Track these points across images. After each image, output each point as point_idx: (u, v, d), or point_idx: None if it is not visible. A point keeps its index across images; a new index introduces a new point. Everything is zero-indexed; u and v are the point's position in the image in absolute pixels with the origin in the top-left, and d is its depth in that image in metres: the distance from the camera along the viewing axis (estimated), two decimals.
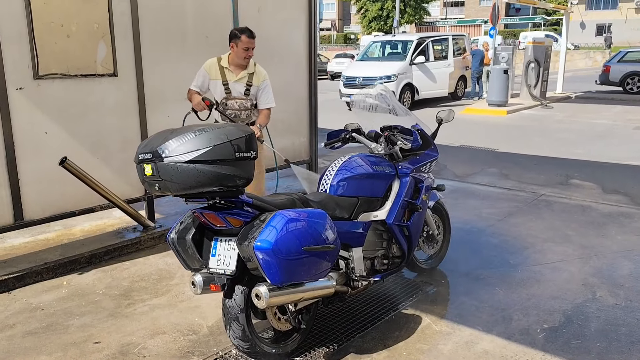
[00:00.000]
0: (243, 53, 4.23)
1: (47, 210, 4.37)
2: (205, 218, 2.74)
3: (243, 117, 4.38)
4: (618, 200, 6.06)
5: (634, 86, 17.30)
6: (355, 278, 3.24)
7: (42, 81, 4.19)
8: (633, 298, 3.72)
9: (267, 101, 4.39)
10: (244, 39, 4.19)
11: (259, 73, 4.39)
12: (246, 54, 4.24)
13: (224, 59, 4.34)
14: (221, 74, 4.32)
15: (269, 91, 4.41)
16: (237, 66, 4.31)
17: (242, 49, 4.21)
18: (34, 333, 3.36)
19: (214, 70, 4.33)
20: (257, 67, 4.41)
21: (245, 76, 4.33)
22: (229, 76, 4.31)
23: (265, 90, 4.39)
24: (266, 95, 4.39)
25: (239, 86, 4.32)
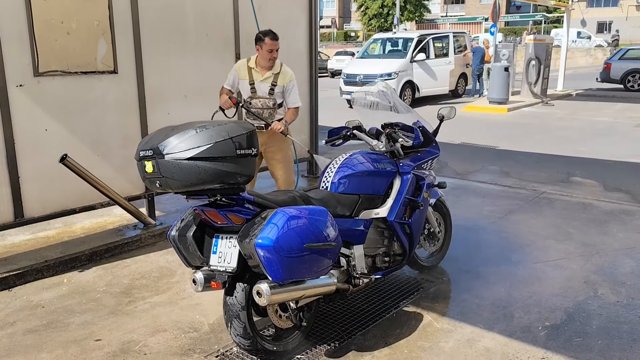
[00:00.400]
0: (267, 55, 4.39)
1: (48, 208, 4.36)
2: (206, 215, 2.74)
3: (265, 116, 4.49)
4: (619, 198, 6.05)
5: (635, 84, 17.27)
6: (356, 275, 3.24)
7: (42, 78, 4.18)
8: (635, 296, 3.72)
9: (293, 101, 4.56)
10: (267, 41, 4.35)
11: (285, 74, 4.52)
12: (270, 55, 4.39)
13: (252, 60, 4.52)
14: (248, 74, 4.49)
15: (295, 91, 4.57)
16: (263, 67, 4.47)
17: (266, 50, 4.37)
18: (35, 331, 3.36)
19: (243, 70, 4.52)
20: (283, 68, 4.53)
21: (271, 76, 4.47)
22: (255, 76, 4.47)
23: (292, 91, 4.54)
24: (293, 96, 4.55)
25: (264, 86, 4.46)
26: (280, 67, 4.50)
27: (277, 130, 4.40)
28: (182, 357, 3.04)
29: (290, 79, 4.51)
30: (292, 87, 4.53)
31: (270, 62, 4.43)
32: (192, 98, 5.23)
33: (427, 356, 3.02)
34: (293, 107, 4.55)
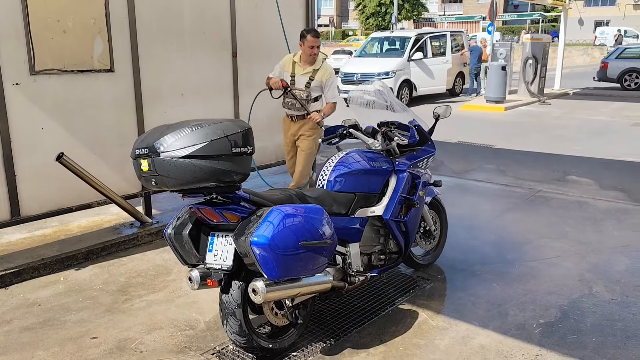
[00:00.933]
0: (309, 51, 4.74)
1: (44, 206, 4.36)
2: (202, 213, 2.75)
3: (298, 107, 4.85)
4: (615, 197, 6.07)
5: (632, 82, 17.31)
6: (352, 273, 3.25)
7: (38, 77, 4.18)
8: (629, 293, 3.74)
9: (331, 96, 4.84)
10: (309, 39, 4.71)
11: (325, 70, 4.80)
12: (311, 51, 4.75)
13: (297, 55, 4.91)
14: (292, 67, 4.89)
15: (334, 88, 4.86)
16: (305, 62, 4.84)
17: (307, 47, 4.73)
18: (31, 328, 3.37)
19: (288, 63, 4.94)
20: (324, 64, 4.83)
21: (310, 71, 4.80)
22: (297, 70, 4.86)
23: (331, 87, 4.82)
24: (332, 92, 4.83)
25: (302, 79, 4.82)
26: (322, 63, 4.80)
27: (314, 120, 4.71)
28: (178, 355, 3.05)
29: (329, 75, 4.79)
30: (331, 84, 4.80)
31: (311, 57, 4.78)
32: (189, 97, 5.23)
33: (422, 353, 3.04)
34: (331, 102, 4.82)
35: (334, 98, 4.83)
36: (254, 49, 5.86)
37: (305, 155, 4.94)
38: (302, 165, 4.95)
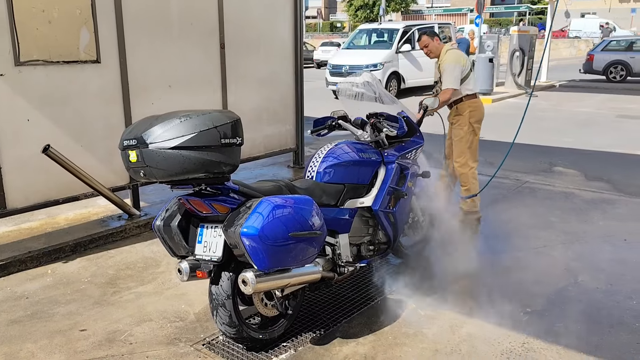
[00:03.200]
0: (423, 49, 4.88)
1: (31, 199, 4.32)
2: (191, 205, 2.74)
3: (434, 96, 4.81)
4: (600, 187, 6.15)
5: (617, 75, 17.51)
6: (341, 264, 3.27)
7: (23, 68, 4.13)
8: (613, 282, 3.80)
9: (444, 83, 4.70)
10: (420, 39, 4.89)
11: (442, 58, 4.77)
12: (425, 50, 4.87)
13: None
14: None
15: (446, 74, 4.68)
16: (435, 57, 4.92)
17: (422, 47, 4.89)
18: (19, 321, 3.34)
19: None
20: (447, 53, 4.74)
21: (437, 64, 4.86)
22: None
23: (444, 74, 4.71)
24: (444, 78, 4.71)
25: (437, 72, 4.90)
26: (446, 53, 4.73)
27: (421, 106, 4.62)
28: (168, 347, 3.05)
29: (445, 61, 4.69)
30: (444, 71, 4.70)
31: (428, 55, 4.89)
32: (177, 88, 5.20)
33: (411, 342, 3.07)
34: (443, 89, 4.68)
35: (444, 84, 4.66)
36: (242, 40, 5.83)
37: (455, 143, 4.86)
38: (455, 153, 4.89)
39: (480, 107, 4.81)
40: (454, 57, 4.66)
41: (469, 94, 4.72)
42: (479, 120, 4.81)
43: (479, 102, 4.82)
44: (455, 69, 4.61)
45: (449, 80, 4.63)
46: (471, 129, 4.76)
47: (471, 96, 4.74)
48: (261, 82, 6.17)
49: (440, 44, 4.83)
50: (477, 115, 4.77)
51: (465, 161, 4.83)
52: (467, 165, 4.83)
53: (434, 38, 4.87)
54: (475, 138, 4.81)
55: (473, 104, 4.74)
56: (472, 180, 4.85)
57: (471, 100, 4.74)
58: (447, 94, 4.64)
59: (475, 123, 4.77)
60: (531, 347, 3.00)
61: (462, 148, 4.82)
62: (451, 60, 4.64)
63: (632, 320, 3.28)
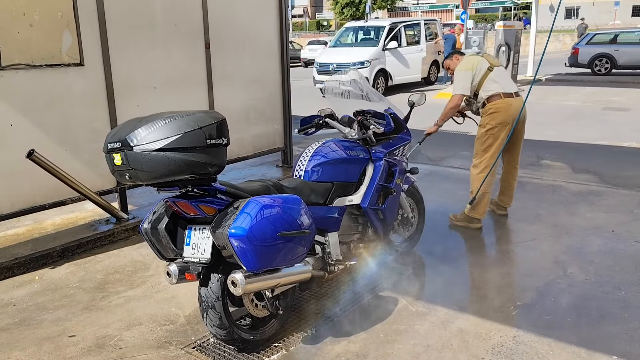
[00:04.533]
0: (449, 72, 4.95)
1: (16, 205, 4.27)
2: (178, 207, 2.72)
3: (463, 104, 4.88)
4: (587, 179, 6.20)
5: (602, 68, 17.64)
6: (331, 262, 3.26)
7: (5, 72, 4.07)
8: (602, 273, 3.82)
9: (453, 89, 4.72)
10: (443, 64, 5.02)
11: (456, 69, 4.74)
12: (449, 72, 4.93)
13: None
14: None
15: (454, 81, 4.72)
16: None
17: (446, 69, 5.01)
18: (6, 329, 3.30)
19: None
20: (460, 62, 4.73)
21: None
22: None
23: (454, 81, 4.73)
24: (453, 85, 4.74)
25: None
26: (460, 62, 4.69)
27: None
28: (159, 350, 3.03)
29: (455, 70, 4.70)
30: (454, 78, 4.71)
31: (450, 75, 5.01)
32: (162, 89, 5.16)
33: (402, 339, 3.07)
34: (452, 94, 4.69)
35: (453, 91, 4.66)
36: (227, 40, 5.80)
37: (475, 142, 4.79)
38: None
39: (504, 109, 4.52)
40: (462, 64, 4.63)
41: (491, 95, 4.55)
42: (502, 123, 4.53)
43: (505, 103, 4.52)
44: (464, 75, 4.56)
45: (456, 87, 4.62)
46: (491, 131, 4.57)
47: (494, 97, 4.54)
48: (248, 82, 6.14)
49: (460, 59, 4.76)
50: (499, 118, 4.52)
51: (477, 162, 4.71)
52: (478, 167, 4.70)
53: (453, 57, 4.84)
54: (495, 142, 4.59)
55: (494, 105, 4.53)
56: (477, 184, 4.67)
57: (494, 102, 4.54)
58: (454, 100, 4.62)
59: (499, 125, 4.54)
60: (522, 340, 3.02)
61: (477, 148, 4.73)
62: (460, 67, 4.62)
63: (621, 311, 3.30)
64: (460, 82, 4.60)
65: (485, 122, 4.63)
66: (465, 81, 4.56)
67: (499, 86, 4.56)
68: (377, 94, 4.18)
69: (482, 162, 4.67)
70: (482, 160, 4.67)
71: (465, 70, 4.57)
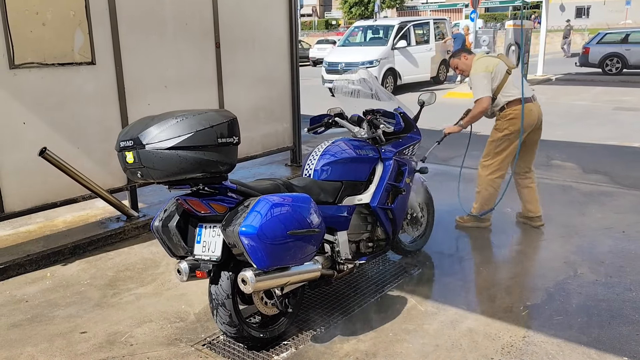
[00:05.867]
0: (457, 71, 4.82)
1: (28, 202, 4.31)
2: (189, 205, 2.73)
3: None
4: (598, 180, 6.16)
5: (613, 67, 17.52)
6: (340, 261, 3.27)
7: (18, 71, 4.12)
8: (613, 274, 3.80)
9: (475, 95, 4.50)
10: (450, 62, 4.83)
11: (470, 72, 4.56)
12: (457, 71, 4.80)
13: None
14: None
15: (473, 86, 4.50)
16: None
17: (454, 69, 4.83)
18: (19, 325, 3.34)
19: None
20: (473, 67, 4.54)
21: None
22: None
23: (472, 87, 4.52)
24: (473, 91, 4.52)
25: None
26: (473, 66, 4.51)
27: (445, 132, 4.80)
28: (169, 347, 3.05)
29: (471, 74, 4.52)
30: (472, 84, 4.52)
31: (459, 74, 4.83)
32: (173, 88, 5.19)
33: (411, 338, 3.07)
34: (475, 99, 4.49)
35: (476, 95, 4.45)
36: (237, 39, 5.83)
37: (487, 143, 4.67)
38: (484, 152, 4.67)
39: (525, 115, 4.42)
40: (480, 66, 4.44)
41: (510, 100, 4.42)
42: (519, 130, 4.44)
43: (526, 109, 4.42)
44: (484, 77, 4.38)
45: (478, 91, 4.41)
46: (508, 136, 4.47)
47: (513, 102, 4.42)
48: (257, 81, 6.16)
49: (469, 59, 4.58)
50: (518, 124, 4.42)
51: (487, 164, 4.59)
52: (487, 169, 4.58)
53: (461, 56, 4.64)
54: (509, 147, 4.50)
55: (514, 110, 4.41)
56: (487, 187, 4.58)
57: (514, 107, 4.42)
58: (481, 104, 4.41)
59: (516, 132, 4.44)
60: (532, 341, 3.01)
61: (489, 149, 4.60)
62: (476, 70, 4.44)
63: (631, 312, 3.28)
64: (481, 85, 4.40)
65: (503, 127, 4.48)
66: (487, 83, 4.39)
67: (519, 91, 4.43)
68: (387, 93, 4.17)
69: (493, 164, 4.56)
70: (493, 162, 4.56)
71: (485, 72, 4.40)
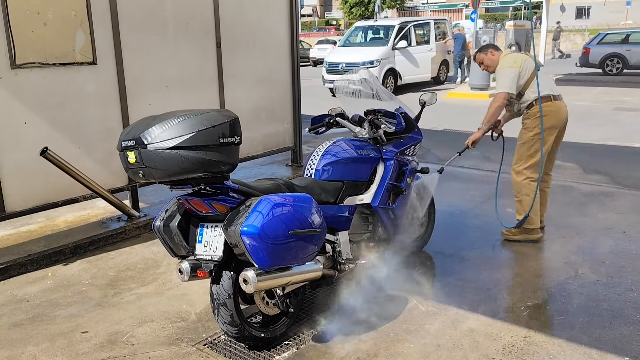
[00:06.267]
0: (481, 66, 4.64)
1: (30, 202, 4.31)
2: (190, 205, 2.74)
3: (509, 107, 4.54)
4: (598, 180, 6.16)
5: (613, 68, 17.51)
6: (342, 261, 3.27)
7: (19, 70, 4.12)
8: (614, 274, 3.80)
9: (497, 87, 4.35)
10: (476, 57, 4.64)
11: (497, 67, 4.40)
12: (482, 67, 4.62)
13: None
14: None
15: (498, 79, 4.34)
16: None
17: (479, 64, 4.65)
18: (20, 325, 3.34)
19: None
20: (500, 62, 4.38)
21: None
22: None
23: (497, 79, 4.38)
24: (497, 83, 4.38)
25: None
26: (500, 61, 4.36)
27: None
28: (170, 347, 3.05)
29: (498, 67, 4.35)
30: (497, 76, 4.36)
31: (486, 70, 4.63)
32: (174, 88, 5.19)
33: (412, 338, 3.07)
34: (496, 93, 4.33)
35: (497, 89, 4.28)
36: (238, 39, 5.83)
37: (517, 147, 4.45)
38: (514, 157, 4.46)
39: (555, 112, 4.24)
40: (508, 61, 4.27)
41: (541, 97, 4.20)
42: (551, 128, 4.25)
43: (556, 107, 4.25)
44: (510, 72, 4.18)
45: (501, 84, 4.23)
46: (538, 135, 4.24)
47: (543, 98, 4.20)
48: (258, 81, 6.17)
49: (496, 55, 4.42)
50: (550, 121, 4.22)
51: (521, 169, 4.35)
52: (522, 174, 4.35)
53: (488, 51, 4.48)
54: (543, 147, 4.27)
55: (546, 107, 4.20)
56: (526, 193, 4.35)
57: (545, 104, 4.21)
58: (498, 99, 4.23)
59: (547, 130, 4.23)
60: (533, 341, 3.01)
61: (522, 153, 4.35)
62: (504, 64, 4.26)
63: (632, 312, 3.28)
64: (506, 79, 4.20)
65: (533, 125, 4.26)
66: (513, 79, 4.18)
67: (549, 88, 4.28)
68: (388, 93, 4.17)
69: (528, 168, 4.33)
70: (527, 165, 4.33)
71: (512, 67, 4.19)
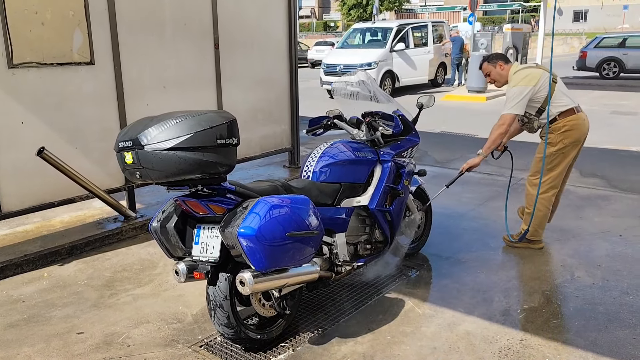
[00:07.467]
0: (487, 78, 4.39)
1: (26, 202, 4.30)
2: (187, 206, 2.73)
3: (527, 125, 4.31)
4: (595, 184, 6.18)
5: (610, 71, 17.58)
6: (339, 263, 3.27)
7: (17, 70, 4.11)
8: (609, 278, 3.81)
9: (504, 108, 4.08)
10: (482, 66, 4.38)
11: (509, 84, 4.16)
12: (488, 79, 4.38)
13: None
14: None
15: (507, 99, 4.08)
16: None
17: (485, 75, 4.38)
18: (16, 325, 3.33)
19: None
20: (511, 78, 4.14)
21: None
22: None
23: (506, 98, 4.11)
24: (505, 102, 4.11)
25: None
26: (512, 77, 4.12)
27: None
28: (166, 348, 3.05)
29: (509, 86, 4.10)
30: (507, 95, 4.11)
31: (492, 84, 4.40)
32: (171, 89, 5.18)
33: (409, 341, 3.07)
34: (502, 114, 4.07)
35: (504, 109, 4.04)
36: (236, 40, 5.83)
37: (535, 159, 4.25)
38: (531, 169, 4.29)
39: (579, 125, 4.05)
40: (521, 79, 4.01)
41: (563, 111, 4.04)
42: (575, 142, 4.07)
43: (580, 119, 4.06)
44: (523, 92, 3.97)
45: (510, 105, 4.00)
46: (562, 150, 4.07)
47: (567, 112, 4.04)
48: (256, 82, 6.17)
49: (505, 70, 4.19)
50: (574, 136, 4.04)
51: (537, 182, 4.17)
52: (539, 187, 4.17)
53: (497, 64, 4.20)
54: (564, 161, 4.11)
55: (569, 121, 4.02)
56: (541, 207, 4.19)
57: (568, 118, 4.03)
58: (504, 121, 4.00)
59: (571, 144, 4.06)
60: (529, 344, 3.01)
61: (540, 167, 4.15)
62: (516, 82, 4.02)
63: (628, 316, 3.29)
64: (515, 99, 3.99)
65: (556, 141, 4.05)
66: (523, 99, 3.97)
67: (570, 100, 4.12)
68: (386, 95, 4.18)
69: (547, 180, 4.15)
70: (546, 178, 4.15)
71: (526, 86, 3.98)
